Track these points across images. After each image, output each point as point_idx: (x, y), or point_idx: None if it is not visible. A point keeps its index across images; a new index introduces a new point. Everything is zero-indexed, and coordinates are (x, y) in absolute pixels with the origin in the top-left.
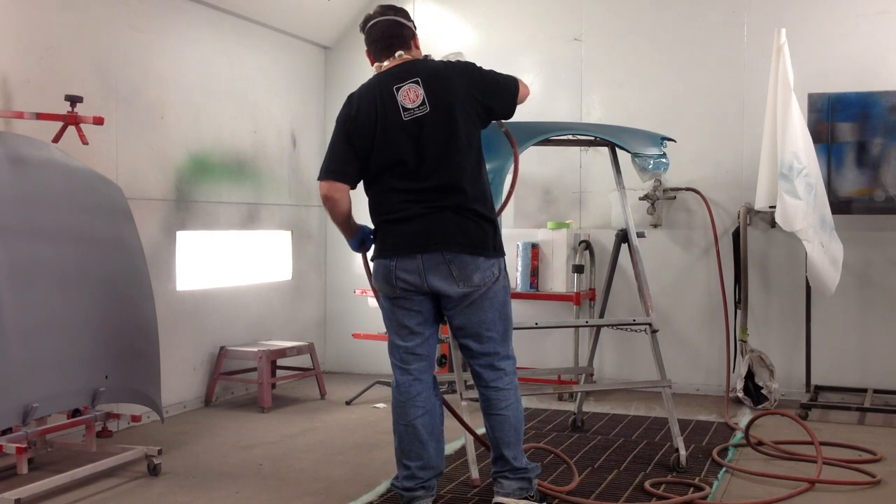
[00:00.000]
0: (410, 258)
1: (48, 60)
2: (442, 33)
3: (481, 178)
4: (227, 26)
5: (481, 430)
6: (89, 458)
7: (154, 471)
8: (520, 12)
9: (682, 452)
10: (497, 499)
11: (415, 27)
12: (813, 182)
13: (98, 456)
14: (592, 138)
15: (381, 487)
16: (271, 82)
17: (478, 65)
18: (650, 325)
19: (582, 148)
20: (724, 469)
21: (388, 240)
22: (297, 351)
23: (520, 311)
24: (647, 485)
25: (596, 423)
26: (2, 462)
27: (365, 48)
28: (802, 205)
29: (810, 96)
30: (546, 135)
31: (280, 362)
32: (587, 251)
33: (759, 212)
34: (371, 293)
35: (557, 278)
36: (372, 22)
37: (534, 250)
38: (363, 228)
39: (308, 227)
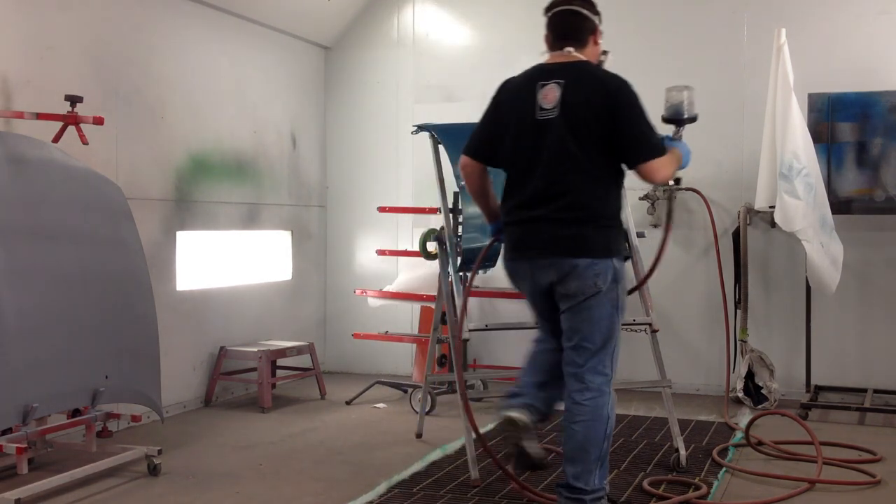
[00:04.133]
0: (520, 262)
1: (48, 60)
2: (442, 33)
3: (593, 186)
4: (227, 26)
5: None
6: (89, 458)
7: (154, 471)
8: (520, 12)
9: (682, 452)
10: None
11: (599, 19)
12: (812, 182)
13: (98, 456)
14: None
15: (382, 487)
16: (271, 82)
17: (638, 104)
18: (650, 325)
19: None
20: (724, 469)
21: (507, 241)
22: (297, 351)
23: (520, 311)
24: (646, 484)
25: None
26: (2, 462)
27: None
28: (802, 205)
29: (810, 96)
30: None
31: (280, 362)
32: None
33: (759, 212)
34: (370, 293)
35: None
36: (553, 10)
37: None
38: (499, 223)
39: (308, 227)
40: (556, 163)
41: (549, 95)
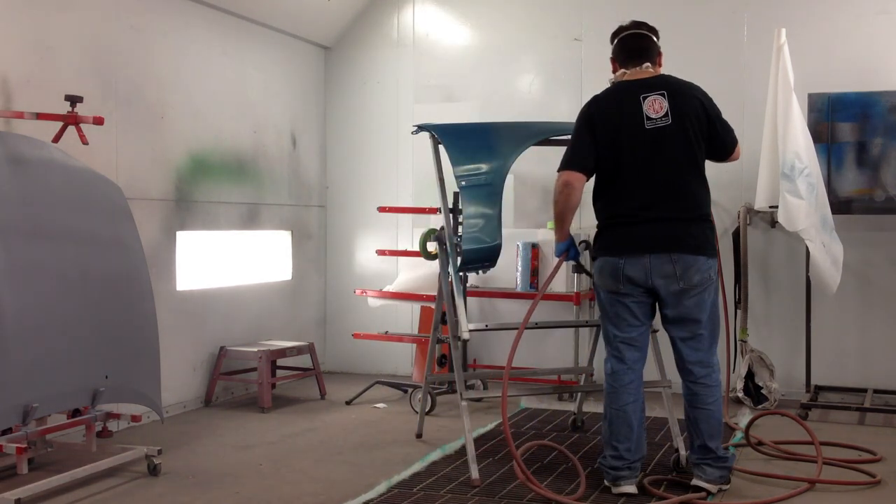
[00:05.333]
0: (638, 258)
1: (48, 60)
2: (442, 33)
3: (704, 187)
4: (227, 26)
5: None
6: (89, 458)
7: (154, 471)
8: (520, 12)
9: (682, 452)
10: (697, 482)
11: (660, 46)
12: (814, 182)
13: (98, 456)
14: None
15: (382, 487)
16: (271, 82)
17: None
18: (650, 325)
19: None
20: None
21: (618, 240)
22: (297, 351)
23: (520, 311)
24: (646, 484)
25: (596, 423)
26: (2, 462)
27: (611, 56)
28: (804, 204)
29: (810, 96)
30: (546, 135)
31: (280, 362)
32: (587, 251)
33: (759, 212)
34: (370, 293)
35: (557, 278)
36: (625, 33)
37: (534, 250)
38: (573, 238)
39: (308, 227)
40: (674, 166)
41: (656, 105)
